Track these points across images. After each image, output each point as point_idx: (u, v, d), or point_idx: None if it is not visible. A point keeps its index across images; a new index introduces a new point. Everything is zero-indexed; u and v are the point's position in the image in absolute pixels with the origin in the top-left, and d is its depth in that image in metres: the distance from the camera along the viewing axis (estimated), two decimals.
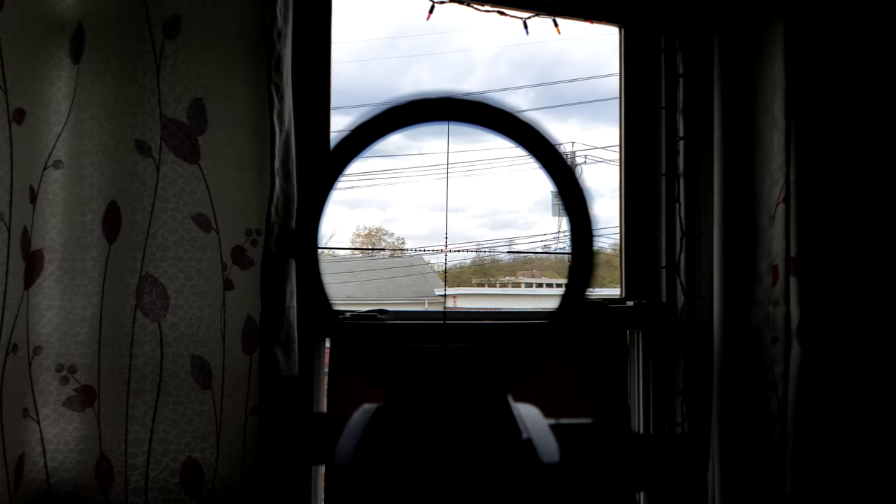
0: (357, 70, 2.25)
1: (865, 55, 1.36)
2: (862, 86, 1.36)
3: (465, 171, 3.13)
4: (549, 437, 0.37)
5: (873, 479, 1.31)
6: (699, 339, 1.49)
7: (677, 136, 1.52)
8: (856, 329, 1.33)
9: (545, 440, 0.37)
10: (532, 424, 0.39)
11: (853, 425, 1.31)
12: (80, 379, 1.09)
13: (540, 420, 0.41)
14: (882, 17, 1.37)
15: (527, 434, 0.37)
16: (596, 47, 1.62)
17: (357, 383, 1.30)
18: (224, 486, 1.10)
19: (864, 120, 1.35)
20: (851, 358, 1.32)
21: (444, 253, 1.35)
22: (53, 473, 1.09)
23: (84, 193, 1.09)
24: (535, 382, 1.46)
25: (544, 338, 0.37)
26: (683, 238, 1.50)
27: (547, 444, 0.36)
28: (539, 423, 0.40)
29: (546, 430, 0.39)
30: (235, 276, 1.13)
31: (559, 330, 0.36)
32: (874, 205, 1.34)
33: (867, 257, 1.34)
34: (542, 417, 0.42)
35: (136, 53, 1.07)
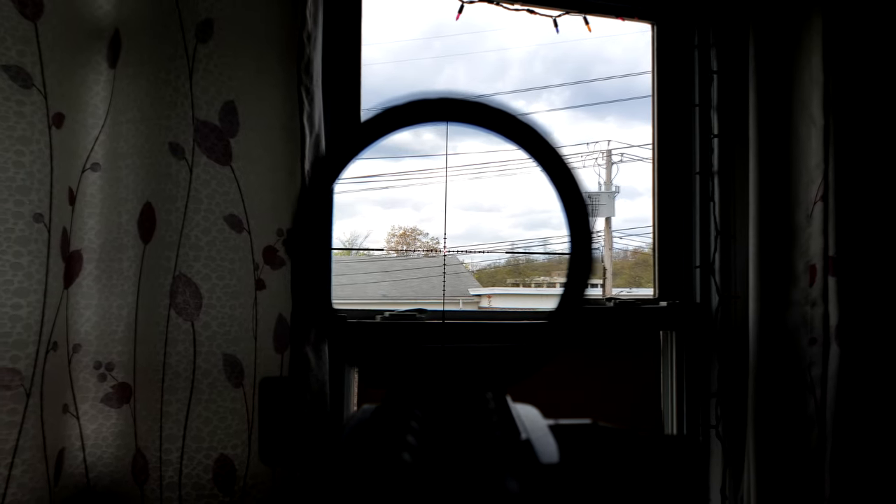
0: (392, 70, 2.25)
1: None
2: None
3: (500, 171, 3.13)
4: (548, 438, 0.37)
5: None
6: (734, 340, 1.47)
7: (711, 133, 1.50)
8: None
9: (544, 441, 0.36)
10: (531, 425, 0.38)
11: (894, 428, 1.28)
12: (117, 376, 1.12)
13: (539, 420, 0.41)
14: None
15: (526, 434, 0.37)
16: (632, 44, 1.60)
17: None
18: (255, 484, 1.11)
19: None
20: (892, 360, 1.29)
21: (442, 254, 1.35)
22: (92, 468, 1.12)
23: (120, 195, 1.12)
24: (564, 384, 1.45)
25: (543, 338, 0.36)
26: (718, 237, 1.48)
27: (546, 444, 0.36)
28: (538, 423, 0.40)
29: (545, 431, 0.39)
30: (267, 275, 1.14)
31: (558, 330, 0.36)
32: None
33: None
34: (542, 418, 0.42)
35: (170, 57, 1.10)
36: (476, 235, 5.55)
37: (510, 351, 0.37)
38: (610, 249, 3.96)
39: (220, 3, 1.11)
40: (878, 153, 1.30)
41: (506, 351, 0.37)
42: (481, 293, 3.80)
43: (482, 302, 3.73)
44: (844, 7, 1.31)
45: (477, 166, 3.22)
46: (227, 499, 1.09)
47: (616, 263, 4.12)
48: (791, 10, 1.38)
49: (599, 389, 1.44)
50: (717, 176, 1.49)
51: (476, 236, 6.70)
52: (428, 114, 0.36)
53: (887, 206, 1.30)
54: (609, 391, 1.45)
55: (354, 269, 3.65)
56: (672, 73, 1.56)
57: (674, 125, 1.56)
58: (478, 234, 6.00)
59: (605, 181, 4.05)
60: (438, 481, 0.32)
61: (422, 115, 0.36)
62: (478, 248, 4.06)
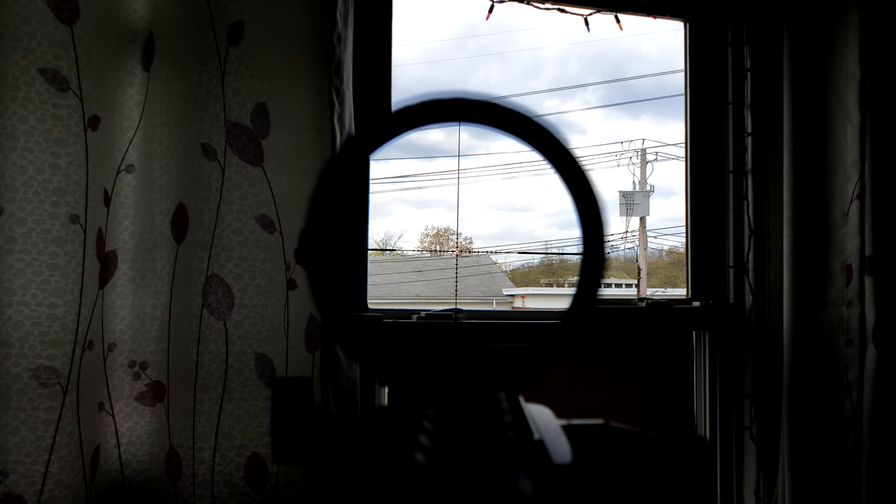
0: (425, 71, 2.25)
1: None
2: None
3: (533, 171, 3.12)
4: (561, 438, 0.37)
5: None
6: (768, 340, 1.44)
7: (745, 131, 1.48)
8: None
9: (557, 441, 0.36)
10: (544, 425, 0.38)
11: None
12: (151, 375, 1.13)
13: (552, 421, 0.40)
14: None
15: (538, 435, 0.36)
16: (667, 42, 1.58)
17: None
18: (287, 482, 1.12)
19: None
20: None
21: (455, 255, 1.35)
22: (127, 465, 1.14)
23: (154, 196, 1.13)
24: (596, 384, 1.44)
25: (555, 338, 0.36)
26: (752, 237, 1.45)
27: (559, 444, 0.36)
28: (551, 423, 0.39)
29: (558, 431, 0.38)
30: (298, 275, 1.15)
31: (570, 330, 0.36)
32: None
33: None
34: (554, 418, 0.41)
35: (202, 60, 1.11)
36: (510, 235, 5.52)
37: (522, 351, 0.37)
38: (644, 249, 3.92)
39: (251, 5, 1.12)
40: None
41: (518, 351, 0.37)
42: (514, 293, 3.79)
43: (516, 302, 3.72)
44: (882, 1, 1.28)
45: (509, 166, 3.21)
46: (259, 496, 1.10)
47: (651, 263, 4.07)
48: (826, 4, 1.36)
49: (632, 390, 1.43)
50: (750, 174, 1.46)
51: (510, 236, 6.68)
52: (440, 114, 0.36)
53: None
54: (642, 392, 1.44)
55: (388, 268, 3.67)
56: (705, 70, 1.54)
57: (707, 123, 1.54)
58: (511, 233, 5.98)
59: (639, 180, 4.01)
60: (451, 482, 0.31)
61: (434, 115, 0.36)
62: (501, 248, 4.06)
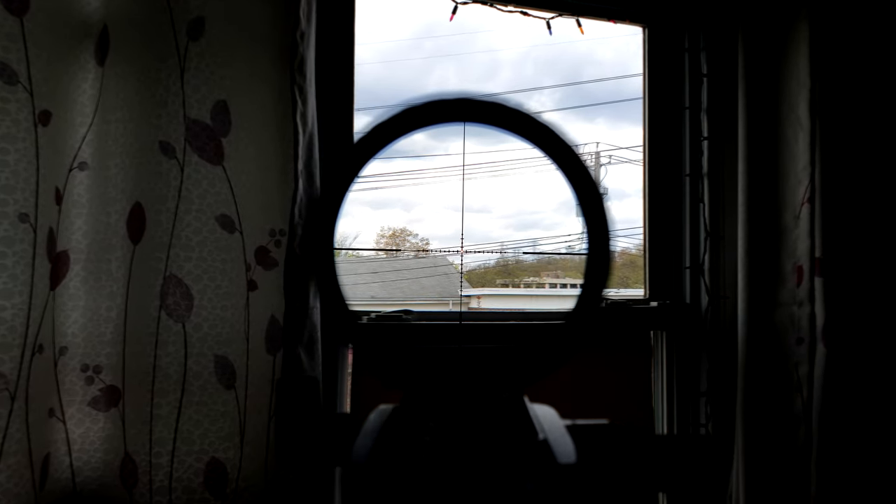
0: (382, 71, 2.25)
1: (892, 54, 1.34)
2: (888, 85, 1.34)
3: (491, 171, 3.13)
4: (565, 438, 0.37)
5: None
6: (723, 339, 1.48)
7: (701, 136, 1.51)
8: (882, 330, 1.31)
9: (562, 441, 0.36)
10: (548, 425, 0.38)
11: (879, 427, 1.29)
12: (105, 379, 1.10)
13: (556, 421, 0.40)
14: None
15: (543, 435, 0.36)
16: (622, 47, 1.61)
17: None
18: (247, 487, 1.10)
19: (891, 119, 1.33)
20: (877, 359, 1.30)
21: (460, 254, 1.35)
22: (79, 473, 1.10)
23: (109, 195, 1.10)
24: (558, 384, 1.46)
25: (560, 339, 0.36)
26: (707, 238, 1.49)
27: (564, 444, 0.36)
28: (555, 423, 0.40)
29: (563, 431, 0.39)
30: (259, 276, 1.13)
31: (575, 331, 0.36)
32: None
33: (894, 257, 1.32)
34: (559, 418, 0.42)
35: (161, 55, 1.08)
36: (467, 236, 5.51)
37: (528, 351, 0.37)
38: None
39: (212, 1, 1.09)
40: (865, 155, 1.32)
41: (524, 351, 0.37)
42: (471, 294, 3.80)
43: (472, 303, 3.74)
44: (830, 13, 1.33)
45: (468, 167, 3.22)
46: (219, 502, 1.08)
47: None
48: (779, 15, 1.40)
49: (591, 389, 1.45)
50: (706, 178, 1.50)
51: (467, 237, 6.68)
52: (445, 114, 0.36)
53: (873, 208, 1.32)
54: (601, 391, 1.46)
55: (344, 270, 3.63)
56: (663, 75, 1.57)
57: (664, 127, 1.57)
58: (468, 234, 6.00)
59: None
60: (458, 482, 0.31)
61: (439, 115, 0.36)
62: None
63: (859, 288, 1.31)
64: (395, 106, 0.37)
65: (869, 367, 1.30)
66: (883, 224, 1.32)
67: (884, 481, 1.29)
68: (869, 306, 1.31)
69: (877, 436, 1.29)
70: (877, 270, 1.32)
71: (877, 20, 1.34)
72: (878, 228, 1.32)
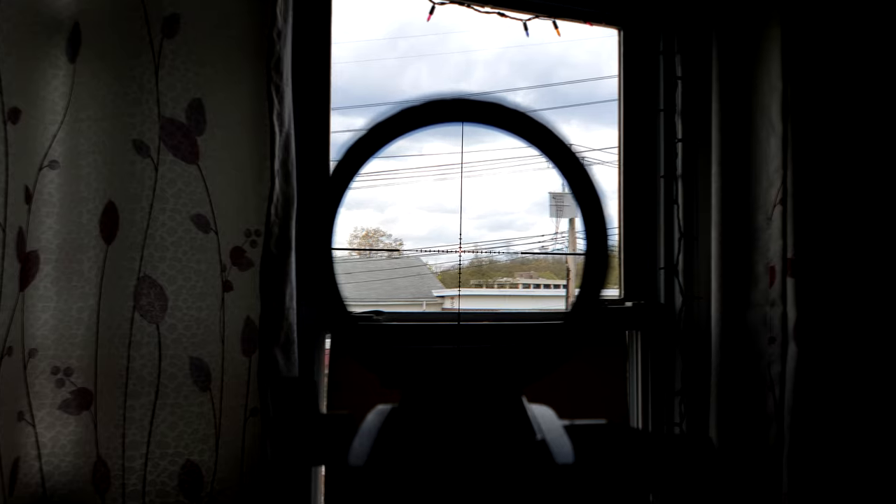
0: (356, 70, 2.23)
1: (861, 58, 1.37)
2: (858, 88, 1.36)
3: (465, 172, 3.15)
4: (563, 438, 0.37)
5: (869, 479, 1.32)
6: (697, 339, 1.50)
7: (676, 138, 1.53)
8: (852, 330, 1.33)
9: (560, 441, 0.37)
10: (546, 425, 0.38)
11: (849, 425, 1.32)
12: (77, 382, 1.08)
13: (554, 421, 0.41)
14: (878, 21, 1.37)
15: (541, 435, 0.37)
16: (596, 49, 1.62)
17: (358, 384, 1.29)
18: (223, 489, 1.09)
19: (861, 122, 1.36)
20: (848, 358, 1.33)
21: (458, 253, 1.35)
22: (49, 477, 1.08)
23: (81, 194, 1.08)
24: (537, 383, 1.46)
25: (560, 338, 0.37)
26: (681, 239, 1.50)
27: (561, 445, 0.36)
28: (553, 424, 0.40)
29: (561, 431, 0.39)
30: (234, 277, 1.12)
31: (575, 330, 0.36)
32: (871, 206, 1.35)
33: (864, 258, 1.34)
34: (557, 418, 0.42)
35: (134, 53, 1.06)
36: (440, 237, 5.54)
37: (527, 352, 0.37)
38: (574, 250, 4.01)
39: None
40: (836, 158, 1.34)
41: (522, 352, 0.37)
42: (444, 294, 3.80)
43: (445, 303, 3.74)
44: (801, 18, 1.35)
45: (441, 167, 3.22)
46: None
47: (578, 265, 4.17)
48: (751, 19, 1.42)
49: (566, 388, 1.45)
50: (680, 179, 1.51)
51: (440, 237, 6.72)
52: (444, 114, 0.36)
53: (844, 209, 1.34)
54: (577, 390, 1.46)
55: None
56: (638, 78, 1.58)
57: (639, 129, 1.58)
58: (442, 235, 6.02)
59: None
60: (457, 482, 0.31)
61: (438, 115, 0.35)
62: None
63: (830, 288, 1.33)
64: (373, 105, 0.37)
65: (840, 366, 1.32)
66: (853, 225, 1.34)
67: (854, 479, 1.32)
68: (839, 306, 1.33)
69: (847, 434, 1.32)
70: (847, 271, 1.34)
71: (847, 24, 1.37)
72: (848, 229, 1.34)
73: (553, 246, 3.34)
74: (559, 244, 3.86)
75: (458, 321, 1.33)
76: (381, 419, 0.40)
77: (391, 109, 0.36)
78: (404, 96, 0.31)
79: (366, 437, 0.38)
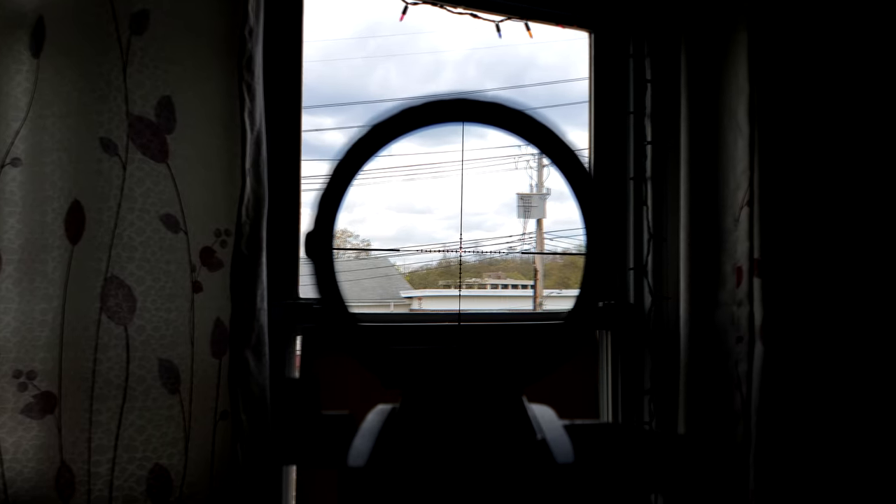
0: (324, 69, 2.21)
1: (826, 62, 1.40)
2: (823, 92, 1.39)
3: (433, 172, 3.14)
4: (563, 438, 0.37)
5: (834, 475, 1.35)
6: (666, 339, 1.51)
7: (645, 140, 1.54)
8: (818, 329, 1.36)
9: (560, 441, 0.37)
10: (547, 425, 0.39)
11: (815, 422, 1.34)
12: (40, 385, 1.05)
13: (555, 421, 0.41)
14: (844, 25, 1.41)
15: (541, 435, 0.37)
16: (566, 51, 1.63)
17: (332, 385, 1.28)
18: (193, 493, 1.07)
19: (826, 125, 1.39)
20: (814, 357, 1.35)
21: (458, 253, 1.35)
22: (11, 484, 1.05)
23: (45, 193, 1.05)
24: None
25: (561, 338, 0.37)
26: (651, 240, 1.52)
27: (562, 444, 0.36)
28: (554, 423, 0.40)
29: (561, 431, 0.39)
30: (204, 278, 1.10)
31: (574, 331, 0.36)
32: (836, 208, 1.38)
33: (829, 259, 1.37)
34: (557, 418, 0.42)
35: (102, 49, 1.04)
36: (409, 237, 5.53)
37: (527, 352, 0.37)
38: (542, 251, 4.03)
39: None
40: (802, 160, 1.37)
41: (523, 352, 0.37)
42: (412, 295, 3.79)
43: (413, 304, 3.73)
44: (768, 23, 1.37)
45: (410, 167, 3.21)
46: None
47: (546, 265, 4.19)
48: (719, 23, 1.44)
49: (539, 387, 1.46)
50: (650, 181, 1.53)
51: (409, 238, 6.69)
52: (444, 114, 0.35)
53: (810, 211, 1.37)
54: (547, 390, 1.47)
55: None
56: (608, 80, 1.60)
57: (609, 131, 1.59)
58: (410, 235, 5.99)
59: (536, 183, 4.12)
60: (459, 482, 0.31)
61: (438, 115, 0.35)
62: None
63: (796, 288, 1.35)
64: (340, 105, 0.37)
65: (805, 364, 1.35)
66: (818, 226, 1.37)
67: (820, 476, 1.34)
68: (805, 306, 1.35)
69: (812, 431, 1.35)
70: (813, 271, 1.37)
71: (812, 29, 1.40)
72: (813, 231, 1.37)
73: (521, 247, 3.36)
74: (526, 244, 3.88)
75: (459, 322, 1.33)
76: (381, 419, 0.40)
77: (392, 109, 0.35)
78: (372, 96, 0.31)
79: (367, 438, 0.37)
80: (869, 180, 1.38)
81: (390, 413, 0.41)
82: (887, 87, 1.39)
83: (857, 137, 1.39)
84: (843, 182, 1.39)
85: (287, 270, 1.28)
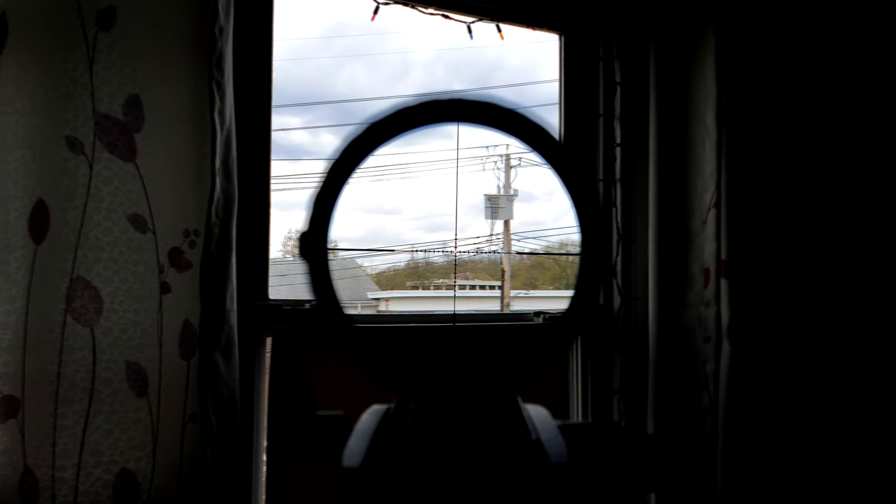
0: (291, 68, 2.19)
1: (795, 66, 1.43)
2: (791, 95, 1.42)
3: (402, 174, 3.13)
4: (558, 438, 0.38)
5: (799, 472, 1.38)
6: (635, 338, 1.53)
7: (614, 142, 1.56)
8: (784, 329, 1.38)
9: (554, 441, 0.37)
10: (541, 425, 0.39)
11: (781, 420, 1.37)
12: (2, 389, 1.02)
13: (549, 421, 0.41)
14: (811, 29, 1.44)
15: (536, 435, 0.37)
16: (532, 54, 1.64)
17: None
18: (160, 497, 1.05)
19: (794, 128, 1.41)
20: (780, 356, 1.38)
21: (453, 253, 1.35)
22: None
23: (7, 191, 1.03)
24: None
25: (556, 338, 0.37)
26: (620, 242, 1.54)
27: (556, 444, 0.36)
28: (548, 423, 0.40)
29: (555, 431, 0.39)
30: (172, 278, 1.08)
31: (569, 331, 0.37)
32: (802, 209, 1.41)
33: (795, 260, 1.40)
34: (552, 418, 0.42)
35: (67, 45, 1.02)
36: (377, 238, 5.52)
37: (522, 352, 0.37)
38: (509, 252, 4.04)
39: None
40: (768, 162, 1.39)
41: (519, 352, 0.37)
42: (380, 296, 3.77)
43: (381, 305, 3.71)
44: (736, 27, 1.40)
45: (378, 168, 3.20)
46: None
47: (513, 266, 4.20)
48: (687, 27, 1.46)
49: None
50: (619, 183, 1.55)
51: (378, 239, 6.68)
52: (439, 114, 0.35)
53: (776, 213, 1.39)
54: (521, 390, 1.48)
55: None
56: (578, 82, 1.61)
57: (579, 133, 1.61)
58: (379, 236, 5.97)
59: (504, 184, 4.15)
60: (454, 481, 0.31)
61: (433, 115, 0.35)
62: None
63: (762, 289, 1.38)
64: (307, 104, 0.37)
65: (771, 363, 1.37)
66: (784, 228, 1.40)
67: (786, 473, 1.37)
68: (771, 306, 1.38)
69: (778, 428, 1.37)
70: (779, 272, 1.39)
71: (779, 34, 1.42)
72: (779, 232, 1.40)
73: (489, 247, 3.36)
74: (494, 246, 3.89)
75: (454, 322, 1.33)
76: (376, 420, 0.39)
77: (387, 109, 0.35)
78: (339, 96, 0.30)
79: (361, 438, 0.37)
80: (835, 182, 1.41)
81: (385, 413, 0.41)
82: (853, 89, 1.42)
83: (824, 140, 1.42)
84: (810, 184, 1.42)
85: (256, 271, 1.26)
